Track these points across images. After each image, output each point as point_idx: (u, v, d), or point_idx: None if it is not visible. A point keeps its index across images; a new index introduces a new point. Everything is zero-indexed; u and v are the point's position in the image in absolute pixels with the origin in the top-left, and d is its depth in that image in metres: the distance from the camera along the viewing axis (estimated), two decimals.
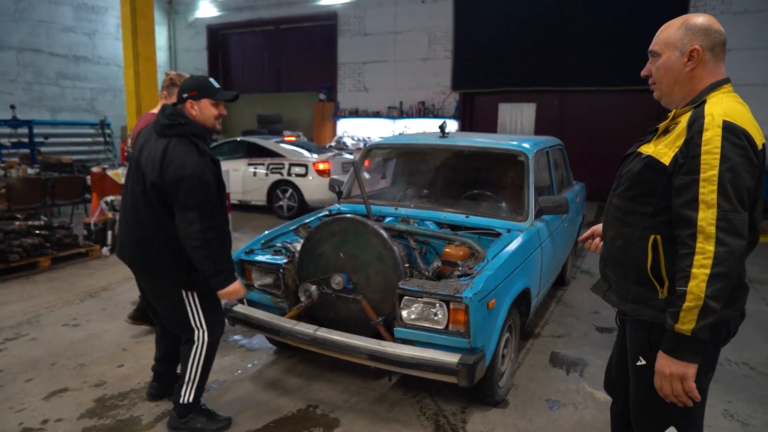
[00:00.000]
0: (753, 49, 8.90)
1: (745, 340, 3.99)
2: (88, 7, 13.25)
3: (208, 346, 2.63)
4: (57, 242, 5.68)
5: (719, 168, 1.46)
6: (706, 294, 1.44)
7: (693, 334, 1.47)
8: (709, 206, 1.46)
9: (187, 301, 2.57)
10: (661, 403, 1.68)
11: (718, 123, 1.49)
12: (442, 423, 2.83)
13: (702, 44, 1.62)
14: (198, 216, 2.38)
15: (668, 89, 1.71)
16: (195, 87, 2.53)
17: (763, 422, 2.90)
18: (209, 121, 2.57)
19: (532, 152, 3.77)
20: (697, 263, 1.45)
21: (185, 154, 2.41)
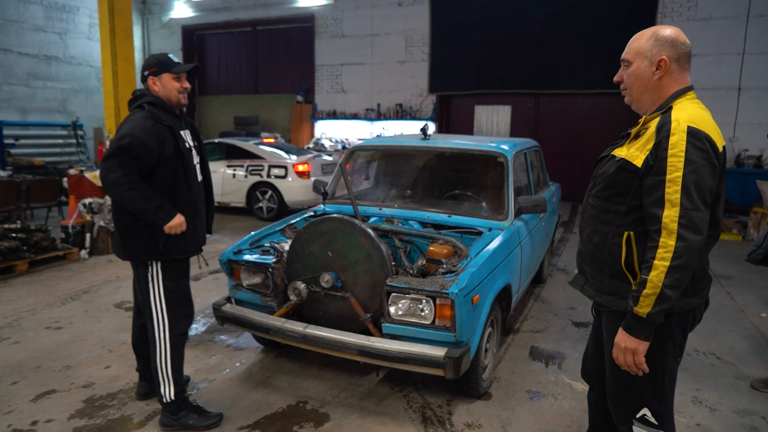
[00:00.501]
0: (718, 54, 9.28)
1: (712, 331, 4.21)
2: (59, 6, 13.00)
3: (171, 337, 2.66)
4: (34, 245, 5.60)
5: (683, 170, 1.60)
6: (664, 283, 1.60)
7: (648, 317, 1.65)
8: (673, 205, 1.61)
9: (149, 274, 2.62)
10: (635, 386, 1.83)
11: (683, 128, 1.63)
12: (429, 415, 2.94)
13: (669, 55, 1.76)
14: (118, 164, 2.42)
15: (638, 95, 1.84)
16: (154, 63, 2.61)
17: (729, 407, 3.08)
18: (173, 95, 2.63)
19: (511, 153, 3.90)
20: (659, 256, 1.61)
21: (132, 120, 2.51)
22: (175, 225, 2.56)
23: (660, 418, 1.84)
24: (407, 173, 4.46)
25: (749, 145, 9.14)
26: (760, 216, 7.75)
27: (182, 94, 2.66)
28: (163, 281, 2.64)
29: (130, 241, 2.61)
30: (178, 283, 2.70)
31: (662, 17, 9.62)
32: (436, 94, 11.87)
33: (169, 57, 2.63)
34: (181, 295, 2.73)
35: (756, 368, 3.58)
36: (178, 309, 2.70)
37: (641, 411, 1.85)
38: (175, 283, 2.68)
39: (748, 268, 6.08)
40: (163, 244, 2.59)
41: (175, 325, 2.68)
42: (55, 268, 5.65)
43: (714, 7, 9.30)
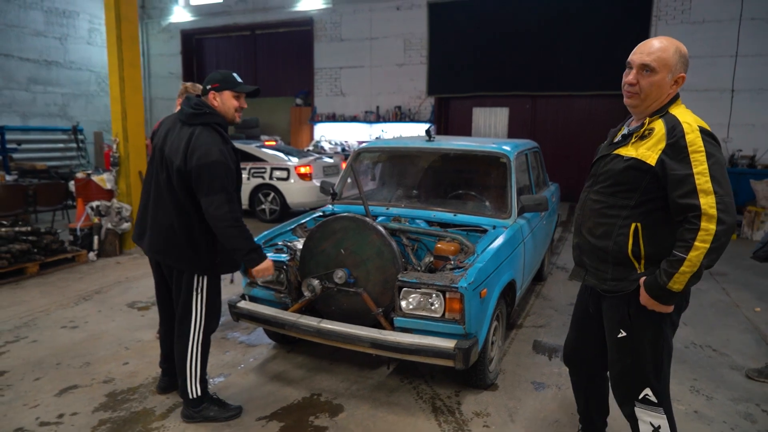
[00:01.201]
0: (711, 56, 9.47)
1: (708, 325, 4.35)
2: (59, 11, 13.10)
3: (203, 337, 2.79)
4: (44, 248, 5.70)
5: (707, 162, 1.78)
6: (702, 263, 1.77)
7: (682, 291, 1.84)
8: (707, 193, 1.76)
9: (195, 285, 2.73)
10: (639, 368, 1.99)
11: (695, 128, 1.82)
12: (439, 405, 3.06)
13: (685, 73, 1.95)
14: (226, 199, 2.53)
15: (650, 102, 1.96)
16: (218, 79, 2.69)
17: (725, 395, 3.22)
18: (230, 113, 2.72)
19: (513, 154, 4.04)
20: (700, 238, 1.76)
21: (210, 142, 2.55)
22: (263, 269, 2.71)
23: (659, 396, 2.00)
24: (413, 174, 4.59)
25: (742, 145, 9.32)
26: (753, 215, 7.92)
27: (238, 113, 2.75)
28: (207, 292, 2.76)
29: (191, 254, 2.67)
30: (216, 293, 2.85)
31: (657, 20, 9.80)
32: (435, 97, 12.02)
33: (233, 76, 2.72)
34: (217, 302, 2.87)
35: (750, 359, 3.73)
36: (213, 315, 2.84)
37: (644, 392, 2.00)
38: (215, 293, 2.82)
39: (742, 265, 6.25)
40: (220, 259, 2.74)
41: (208, 328, 2.82)
42: (64, 270, 5.75)
43: (707, 10, 9.48)
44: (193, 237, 2.66)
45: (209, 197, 2.52)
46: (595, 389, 2.43)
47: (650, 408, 2.01)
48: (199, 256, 2.69)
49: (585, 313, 2.31)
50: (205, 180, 2.52)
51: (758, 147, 9.25)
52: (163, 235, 2.70)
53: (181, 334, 2.79)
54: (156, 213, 2.72)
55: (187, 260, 2.70)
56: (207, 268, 2.73)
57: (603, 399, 2.47)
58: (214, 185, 2.51)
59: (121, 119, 6.37)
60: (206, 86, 2.70)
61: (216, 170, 2.52)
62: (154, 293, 3.08)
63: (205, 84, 2.72)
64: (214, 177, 2.51)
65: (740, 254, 6.84)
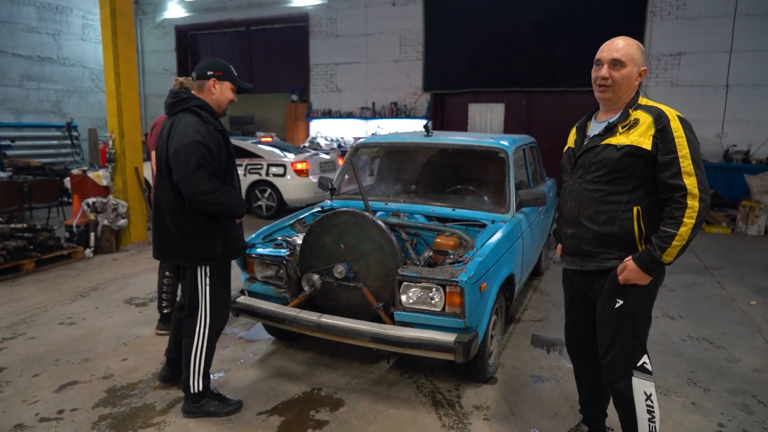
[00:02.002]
0: (706, 51, 9.50)
1: (704, 319, 4.39)
2: (52, 7, 12.98)
3: (209, 333, 2.78)
4: (40, 245, 5.67)
5: (688, 147, 2.00)
6: (690, 236, 1.98)
7: (668, 263, 2.04)
8: (690, 175, 1.98)
9: (199, 277, 2.72)
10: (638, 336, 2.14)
11: (675, 116, 2.04)
12: (439, 399, 3.07)
13: (646, 67, 2.20)
14: (206, 174, 2.52)
15: (621, 94, 2.16)
16: (222, 68, 2.70)
17: (722, 387, 3.25)
18: (223, 104, 2.75)
19: (511, 149, 4.05)
20: (688, 215, 1.97)
21: (187, 124, 2.55)
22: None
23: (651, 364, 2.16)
24: (411, 169, 4.60)
25: (737, 140, 9.37)
26: (748, 209, 7.97)
27: (228, 106, 2.81)
28: (212, 285, 2.75)
29: (195, 245, 2.67)
30: (222, 285, 2.82)
31: (652, 16, 9.82)
32: (431, 93, 12.01)
33: (232, 69, 2.78)
34: (224, 296, 2.86)
35: (747, 352, 3.76)
36: (219, 310, 2.82)
37: (642, 359, 2.13)
38: (220, 285, 2.80)
39: (737, 260, 6.30)
40: (221, 246, 2.72)
41: (215, 323, 2.80)
42: (61, 267, 5.72)
43: (702, 6, 9.51)
44: (204, 226, 2.65)
45: (188, 178, 2.50)
46: (597, 375, 2.45)
47: (646, 377, 2.14)
48: (198, 246, 2.67)
49: (579, 300, 2.39)
50: (181, 161, 2.50)
51: (752, 142, 9.30)
52: (164, 234, 2.72)
53: (189, 332, 2.79)
54: (158, 216, 2.74)
55: (186, 253, 2.69)
56: (213, 254, 2.71)
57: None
58: (191, 164, 2.49)
59: (116, 115, 6.34)
60: (207, 71, 2.68)
61: (192, 150, 2.49)
62: (151, 290, 3.10)
63: (204, 68, 2.69)
64: (190, 156, 2.49)
65: (735, 249, 6.89)
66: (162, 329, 3.94)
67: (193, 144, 2.50)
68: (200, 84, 2.71)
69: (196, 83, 2.71)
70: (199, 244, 2.68)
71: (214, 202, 2.57)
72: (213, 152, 2.58)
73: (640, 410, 2.13)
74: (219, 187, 2.57)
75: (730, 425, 2.84)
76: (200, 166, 2.50)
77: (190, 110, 2.62)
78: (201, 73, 2.70)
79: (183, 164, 2.50)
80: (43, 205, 7.57)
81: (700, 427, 2.82)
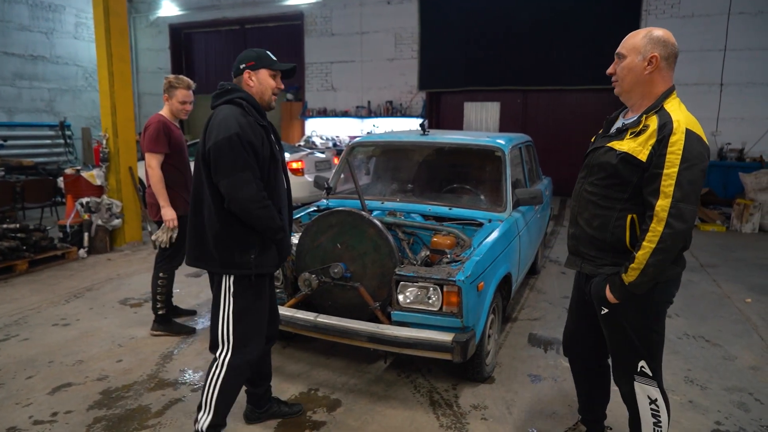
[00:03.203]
0: (700, 50, 9.53)
1: (701, 317, 4.40)
2: (45, 5, 12.87)
3: (229, 367, 2.33)
4: (33, 245, 5.62)
5: (679, 166, 1.82)
6: (648, 262, 1.87)
7: (629, 285, 1.95)
8: (666, 196, 1.83)
9: (224, 286, 2.34)
10: (631, 343, 2.08)
11: (683, 130, 1.85)
12: (437, 398, 3.06)
13: (660, 53, 1.95)
14: (252, 176, 2.22)
15: (629, 87, 2.02)
16: (252, 57, 2.42)
17: (719, 385, 3.25)
18: (267, 93, 2.43)
19: (508, 147, 4.04)
20: (647, 239, 1.87)
21: (228, 115, 2.25)
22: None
23: (654, 371, 2.09)
24: (407, 168, 4.58)
25: (731, 138, 9.41)
26: (742, 207, 8.01)
27: (275, 95, 2.47)
28: (236, 301, 2.34)
29: (231, 252, 2.30)
30: (254, 301, 2.39)
31: (647, 14, 9.84)
32: (426, 91, 12.00)
33: (267, 53, 2.46)
34: (254, 319, 2.41)
35: (743, 350, 3.77)
36: (247, 336, 2.38)
37: (639, 364, 2.08)
38: (250, 301, 2.37)
39: (732, 257, 6.32)
40: (256, 255, 2.33)
41: (239, 351, 2.35)
42: (54, 268, 5.68)
43: (696, 5, 9.54)
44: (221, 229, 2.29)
45: (230, 177, 2.19)
46: (597, 378, 2.45)
47: (647, 381, 2.09)
48: (232, 253, 2.30)
49: (581, 302, 2.33)
50: (224, 157, 2.19)
51: (747, 140, 9.34)
52: (199, 237, 2.36)
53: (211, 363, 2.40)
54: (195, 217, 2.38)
55: (218, 259, 2.31)
56: (241, 265, 2.31)
57: (605, 387, 2.49)
58: (237, 162, 2.18)
59: (110, 114, 6.29)
60: (239, 66, 2.41)
61: (234, 144, 2.18)
62: (146, 290, 3.02)
63: (237, 64, 2.43)
64: (234, 152, 2.18)
65: (730, 246, 6.92)
66: (157, 330, 3.91)
67: (233, 137, 2.19)
68: (238, 81, 2.43)
69: (235, 80, 2.44)
70: (234, 249, 2.31)
71: (254, 213, 2.24)
72: (256, 148, 2.26)
73: (644, 413, 2.12)
74: (264, 197, 2.25)
75: (727, 423, 2.84)
76: (246, 165, 2.21)
77: (232, 102, 2.32)
78: (236, 70, 2.44)
79: (225, 161, 2.19)
80: (36, 205, 7.51)
81: (698, 425, 2.82)
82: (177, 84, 3.81)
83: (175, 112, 3.87)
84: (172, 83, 3.80)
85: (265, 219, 2.28)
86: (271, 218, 2.29)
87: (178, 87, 3.81)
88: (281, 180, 2.46)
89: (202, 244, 2.35)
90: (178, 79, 3.83)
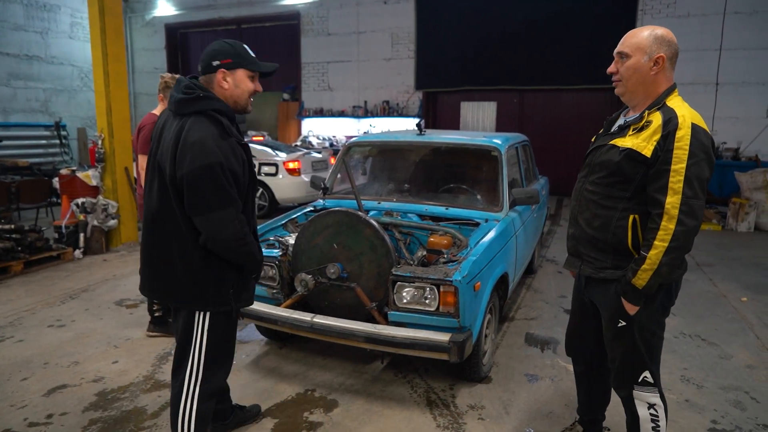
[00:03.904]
0: (696, 50, 9.55)
1: (697, 316, 4.41)
2: (40, 5, 12.83)
3: (200, 395, 2.14)
4: (29, 246, 5.59)
5: (687, 162, 1.79)
6: (662, 261, 1.82)
7: (642, 289, 1.90)
8: (675, 192, 1.80)
9: (196, 322, 2.11)
10: (637, 353, 2.04)
11: (689, 125, 1.82)
12: (434, 398, 3.06)
13: (666, 53, 1.93)
14: (235, 213, 1.96)
15: (633, 87, 1.99)
16: (229, 53, 2.03)
17: (715, 384, 3.26)
18: (243, 98, 2.09)
19: (504, 147, 4.04)
20: (659, 237, 1.82)
21: (206, 139, 1.90)
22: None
23: (655, 377, 2.08)
24: (404, 168, 4.58)
25: (727, 137, 9.44)
26: (738, 206, 8.03)
27: (251, 99, 2.14)
28: (208, 334, 2.12)
29: (204, 286, 2.07)
30: (224, 336, 2.22)
31: (642, 14, 9.87)
32: (423, 91, 12.00)
33: (246, 49, 2.09)
34: (224, 350, 2.25)
35: (739, 348, 3.78)
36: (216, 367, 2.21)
37: (643, 374, 2.05)
38: (221, 336, 2.18)
39: (728, 256, 6.33)
40: (234, 288, 2.12)
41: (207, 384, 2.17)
42: (50, 268, 5.65)
43: (692, 4, 9.57)
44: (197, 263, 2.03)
45: (209, 216, 1.92)
46: (598, 379, 2.43)
47: (647, 389, 2.08)
48: (207, 288, 2.07)
49: (581, 303, 2.32)
50: (201, 191, 1.90)
51: (742, 139, 9.37)
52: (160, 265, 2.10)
53: (175, 391, 2.18)
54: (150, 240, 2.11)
55: (189, 294, 2.07)
56: (224, 298, 2.10)
57: (605, 388, 2.47)
58: (218, 198, 1.91)
59: (105, 114, 6.27)
60: (212, 62, 2.03)
61: (215, 177, 1.89)
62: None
63: (209, 58, 2.04)
64: (216, 186, 1.90)
65: (726, 245, 6.94)
66: (153, 331, 3.89)
67: (214, 168, 1.88)
68: (208, 80, 2.06)
69: (203, 79, 2.08)
70: (210, 285, 2.07)
71: (234, 251, 2.02)
72: (238, 177, 1.98)
73: (644, 418, 2.10)
74: (246, 233, 2.02)
75: (723, 422, 2.85)
76: (228, 201, 1.93)
77: (206, 115, 1.97)
78: (206, 66, 2.05)
79: (204, 196, 1.90)
80: (32, 206, 7.48)
81: (694, 423, 2.83)
82: (173, 84, 3.75)
83: None
84: (168, 83, 3.73)
85: (246, 255, 2.07)
86: (252, 254, 2.09)
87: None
88: (254, 201, 2.23)
89: (169, 278, 2.08)
90: (175, 79, 3.74)
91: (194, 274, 2.05)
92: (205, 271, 2.05)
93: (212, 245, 1.99)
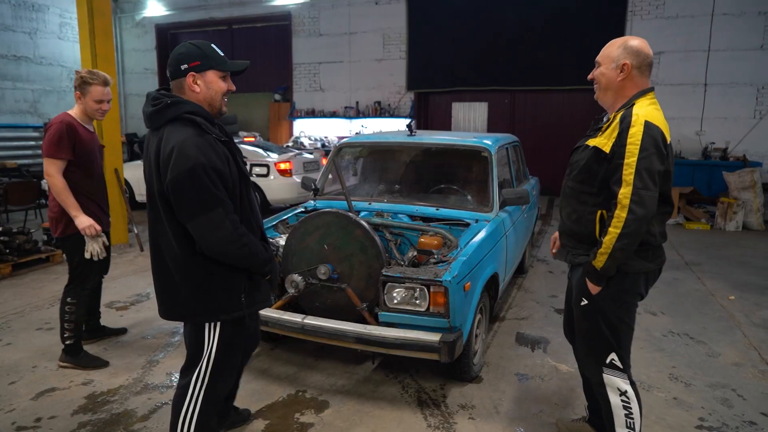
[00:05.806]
0: (684, 51, 9.64)
1: (685, 314, 4.45)
2: (28, 5, 12.71)
3: (204, 400, 2.11)
4: (17, 248, 5.55)
5: (638, 155, 1.96)
6: (614, 246, 2.00)
7: (600, 270, 2.08)
8: (627, 184, 1.97)
9: (207, 333, 2.07)
10: (600, 335, 2.18)
11: (641, 122, 1.99)
12: (425, 398, 3.07)
13: (632, 62, 2.11)
14: (224, 213, 1.89)
15: (603, 92, 2.21)
16: (197, 55, 1.97)
17: (703, 382, 3.29)
18: (216, 99, 2.03)
19: (494, 148, 4.06)
20: (613, 224, 2.00)
21: (184, 142, 1.85)
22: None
23: (623, 363, 2.19)
24: (394, 169, 4.59)
25: (715, 138, 9.53)
26: (726, 206, 8.11)
27: (225, 99, 2.08)
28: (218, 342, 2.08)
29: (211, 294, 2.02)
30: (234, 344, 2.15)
31: (632, 15, 9.94)
32: (414, 92, 12.02)
33: (214, 48, 2.03)
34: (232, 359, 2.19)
35: (726, 346, 3.82)
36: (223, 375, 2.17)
37: (609, 356, 2.18)
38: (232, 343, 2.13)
39: (716, 255, 6.40)
40: (246, 294, 2.07)
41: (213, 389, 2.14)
42: (38, 271, 5.60)
43: (681, 6, 9.65)
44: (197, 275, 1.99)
45: (198, 219, 1.86)
46: None
47: (616, 373, 2.19)
48: (215, 295, 2.02)
49: (570, 289, 2.44)
50: (186, 195, 1.85)
51: (730, 140, 9.47)
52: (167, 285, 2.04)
53: (180, 391, 2.14)
54: (153, 260, 2.07)
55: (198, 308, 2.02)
56: (235, 305, 2.05)
57: None
58: (203, 200, 1.85)
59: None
60: (180, 66, 1.97)
61: (197, 178, 1.83)
62: (132, 293, 2.97)
63: (176, 63, 1.97)
64: (199, 188, 1.84)
65: (714, 244, 7.01)
66: (65, 362, 3.39)
67: (196, 169, 1.83)
68: (178, 84, 2.00)
69: (173, 84, 2.02)
70: (218, 295, 2.02)
71: (232, 254, 1.95)
72: (223, 174, 1.91)
73: (615, 405, 2.21)
74: (241, 234, 1.95)
75: (710, 419, 2.88)
76: (215, 201, 1.87)
77: (179, 120, 1.92)
78: (175, 70, 1.98)
79: (190, 200, 1.85)
80: (20, 208, 7.40)
81: (682, 421, 2.86)
82: (91, 79, 3.22)
83: (90, 113, 3.31)
84: (85, 79, 3.21)
85: (248, 257, 1.99)
86: (254, 255, 2.01)
87: (92, 83, 3.22)
88: (253, 200, 2.15)
89: (173, 294, 2.03)
90: (92, 74, 3.25)
91: (197, 287, 2.00)
92: (209, 280, 1.99)
93: (208, 251, 1.93)
